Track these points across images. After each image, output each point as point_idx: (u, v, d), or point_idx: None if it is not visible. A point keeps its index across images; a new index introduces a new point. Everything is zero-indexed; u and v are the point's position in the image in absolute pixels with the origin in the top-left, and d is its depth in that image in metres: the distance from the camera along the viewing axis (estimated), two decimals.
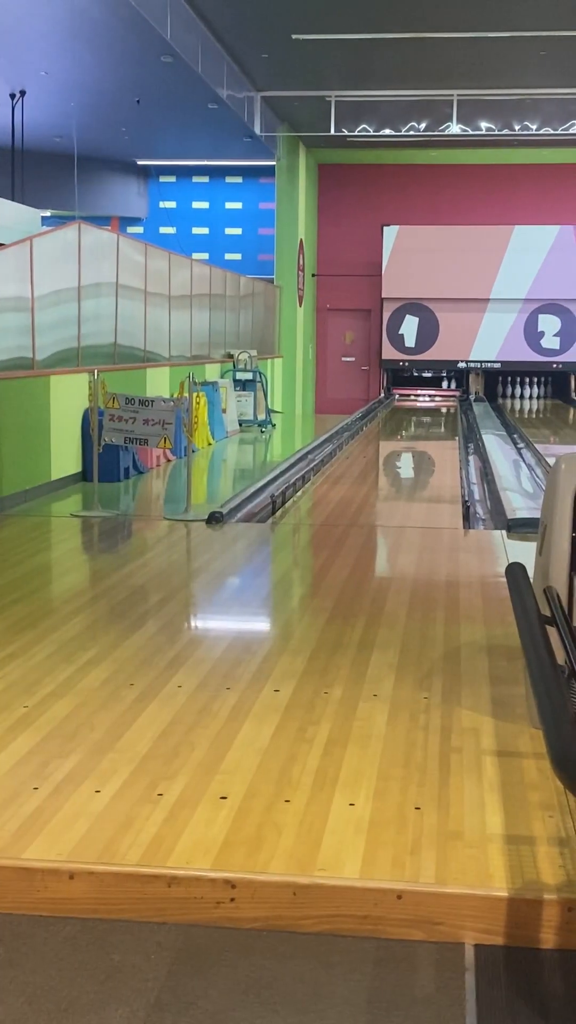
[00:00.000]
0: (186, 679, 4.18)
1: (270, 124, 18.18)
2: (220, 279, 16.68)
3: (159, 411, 8.22)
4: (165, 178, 22.53)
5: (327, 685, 4.14)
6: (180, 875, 2.71)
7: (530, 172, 21.80)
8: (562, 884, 2.67)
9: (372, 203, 22.22)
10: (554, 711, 2.24)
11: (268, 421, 16.23)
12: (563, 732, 2.18)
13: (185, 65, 13.41)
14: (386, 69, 15.37)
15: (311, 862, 2.75)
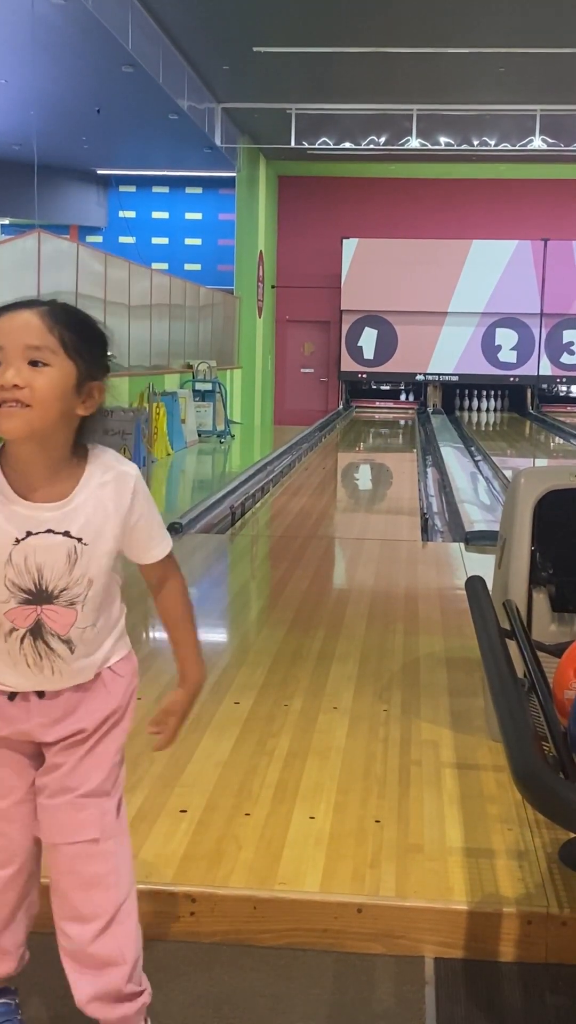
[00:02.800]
0: (145, 691, 4.15)
1: (230, 135, 18.22)
2: (180, 289, 16.67)
3: (118, 421, 8.20)
4: (125, 188, 22.50)
5: (287, 697, 4.14)
6: (140, 889, 2.67)
7: (488, 187, 22.00)
8: (521, 897, 2.68)
9: (332, 215, 22.32)
10: (514, 724, 2.25)
11: (227, 432, 16.23)
12: (523, 745, 2.19)
13: (146, 75, 13.41)
14: (347, 83, 15.46)
15: (271, 876, 2.75)
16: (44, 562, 1.99)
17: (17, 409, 1.88)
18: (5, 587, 2.00)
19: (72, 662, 2.08)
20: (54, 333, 1.91)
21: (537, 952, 2.61)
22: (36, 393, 1.89)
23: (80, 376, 1.95)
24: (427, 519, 8.74)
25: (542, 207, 22.01)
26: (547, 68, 14.52)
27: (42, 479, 1.97)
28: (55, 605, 2.02)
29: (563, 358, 22.22)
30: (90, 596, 2.07)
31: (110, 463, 2.06)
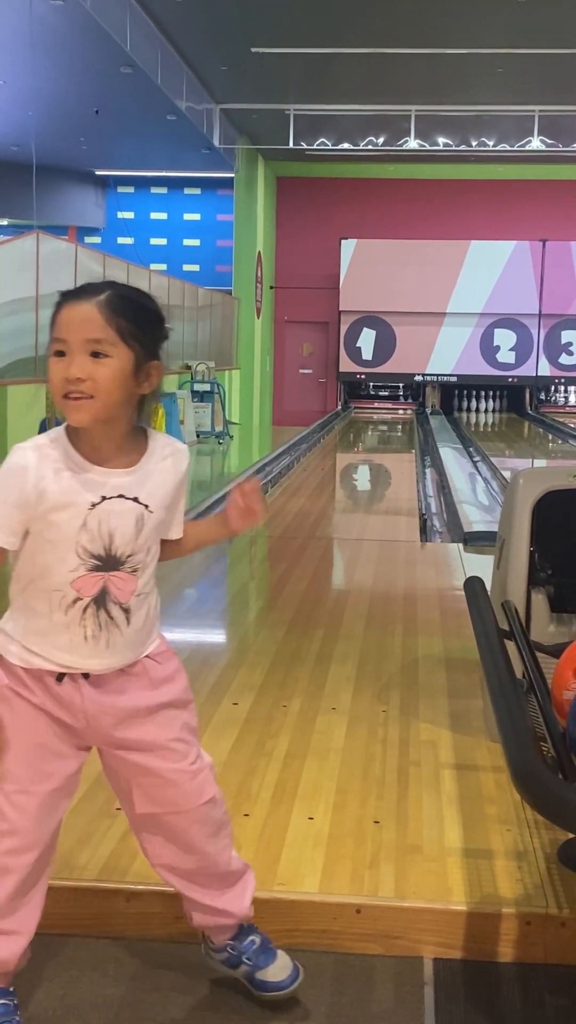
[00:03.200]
0: None
1: (229, 136, 18.22)
2: (178, 290, 16.68)
3: None
4: (123, 188, 22.51)
5: (285, 698, 4.14)
6: (139, 890, 2.69)
7: (487, 188, 22.01)
8: (520, 898, 2.68)
9: (330, 216, 22.33)
10: (513, 725, 2.25)
11: (225, 433, 16.24)
12: (522, 746, 2.19)
13: (144, 76, 13.41)
14: (345, 83, 15.47)
15: (270, 876, 2.75)
16: (116, 527, 2.09)
17: (83, 401, 2.01)
18: (76, 555, 2.08)
19: (127, 633, 2.17)
20: (112, 325, 2.02)
21: (536, 953, 2.61)
22: (99, 384, 2.01)
23: (138, 360, 2.07)
24: (426, 520, 8.74)
25: (541, 208, 22.02)
26: (546, 69, 14.53)
27: (112, 451, 2.10)
28: (121, 572, 2.12)
29: (562, 359, 22.23)
30: (148, 563, 2.18)
31: (168, 439, 2.22)
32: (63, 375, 2.00)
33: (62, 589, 2.10)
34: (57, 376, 2.02)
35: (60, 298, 2.07)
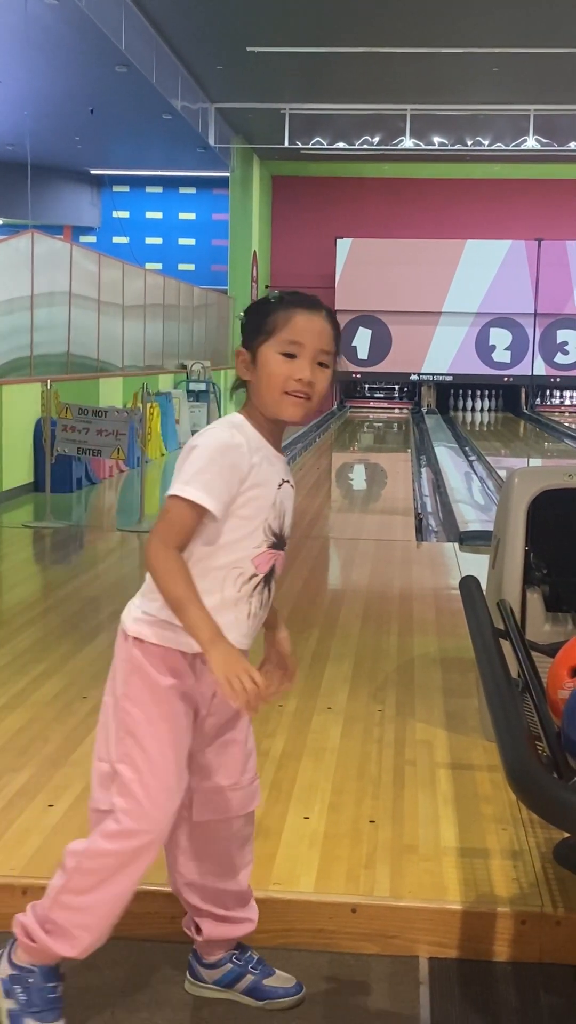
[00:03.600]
0: None
1: (224, 135, 18.21)
2: (174, 289, 16.67)
3: (112, 421, 8.19)
4: (118, 188, 22.49)
5: (281, 698, 4.13)
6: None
7: (482, 187, 22.02)
8: (515, 897, 2.68)
9: (326, 215, 22.33)
10: (509, 724, 2.26)
11: None
12: (518, 745, 2.19)
13: (139, 75, 13.41)
14: (340, 82, 15.47)
15: (265, 876, 2.75)
16: (287, 508, 2.27)
17: (302, 400, 2.19)
18: (263, 531, 2.20)
19: (266, 612, 2.30)
20: (336, 341, 2.26)
21: (531, 952, 2.61)
22: (316, 389, 2.21)
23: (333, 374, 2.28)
24: (421, 519, 8.75)
25: (536, 207, 22.03)
26: (541, 68, 14.54)
27: (277, 442, 2.28)
28: (283, 551, 2.27)
29: (557, 358, 22.25)
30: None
31: None
32: (293, 375, 2.16)
33: (241, 566, 2.18)
34: (283, 374, 2.17)
35: (287, 303, 2.20)
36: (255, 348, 2.19)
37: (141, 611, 2.21)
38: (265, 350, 2.18)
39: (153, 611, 2.18)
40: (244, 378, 2.23)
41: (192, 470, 2.11)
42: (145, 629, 2.19)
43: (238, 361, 2.23)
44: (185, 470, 2.12)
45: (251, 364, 2.20)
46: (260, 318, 2.19)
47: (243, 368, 2.22)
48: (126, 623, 2.22)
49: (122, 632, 2.23)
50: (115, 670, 2.23)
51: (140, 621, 2.20)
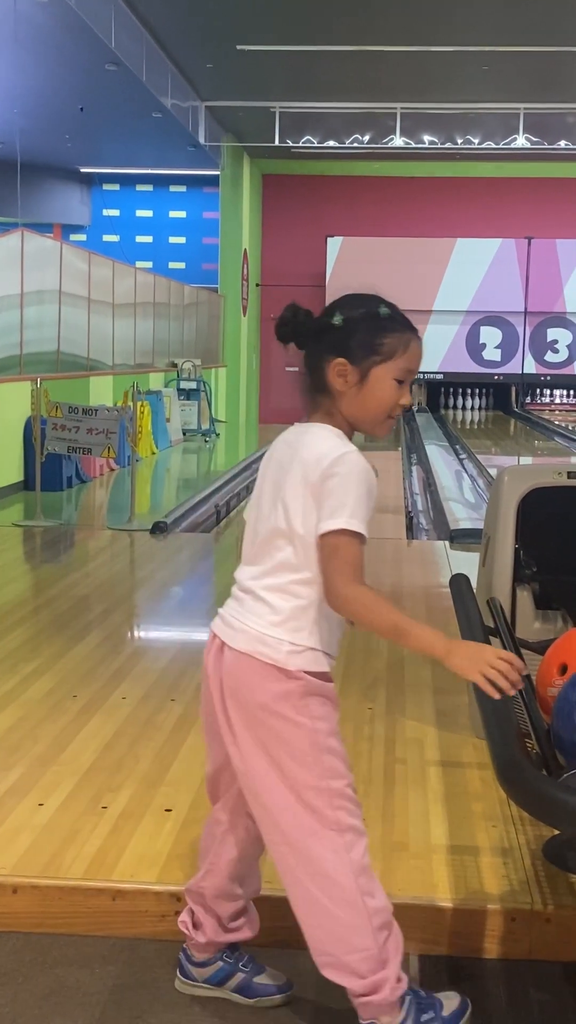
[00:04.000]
0: (130, 690, 4.16)
1: (214, 134, 18.19)
2: (164, 288, 16.66)
3: (103, 420, 8.18)
4: (108, 186, 22.45)
5: None
6: (125, 888, 2.69)
7: (472, 186, 22.02)
8: (505, 894, 2.69)
9: (316, 214, 22.32)
10: (498, 722, 2.26)
11: (212, 430, 16.23)
12: (507, 743, 2.20)
13: (129, 73, 13.38)
14: (330, 81, 15.46)
15: None
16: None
17: (394, 421, 2.26)
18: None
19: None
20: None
21: (521, 949, 2.62)
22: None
23: None
24: (412, 517, 8.76)
25: (526, 205, 22.04)
26: (531, 66, 14.55)
27: None
28: None
29: (547, 356, 22.27)
30: None
31: None
32: (402, 401, 2.20)
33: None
34: (394, 399, 2.19)
35: (402, 325, 2.23)
36: (366, 368, 2.17)
37: (291, 643, 2.16)
38: (380, 372, 2.17)
39: (303, 641, 2.17)
40: (338, 389, 2.19)
41: (353, 501, 2.08)
42: (300, 660, 2.16)
43: (335, 371, 2.18)
44: (344, 502, 2.08)
45: (356, 380, 2.17)
46: (374, 337, 2.18)
47: (341, 381, 2.18)
48: (276, 658, 2.15)
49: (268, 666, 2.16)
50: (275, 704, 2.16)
51: (295, 654, 2.16)
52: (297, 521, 2.14)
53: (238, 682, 2.19)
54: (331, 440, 2.16)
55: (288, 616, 2.16)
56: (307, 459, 2.14)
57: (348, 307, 2.22)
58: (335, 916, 2.17)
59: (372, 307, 2.22)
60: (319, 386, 2.22)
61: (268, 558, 2.20)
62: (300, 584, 2.16)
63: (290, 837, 2.18)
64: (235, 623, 2.23)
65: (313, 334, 2.23)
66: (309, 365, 2.26)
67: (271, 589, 2.18)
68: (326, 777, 2.17)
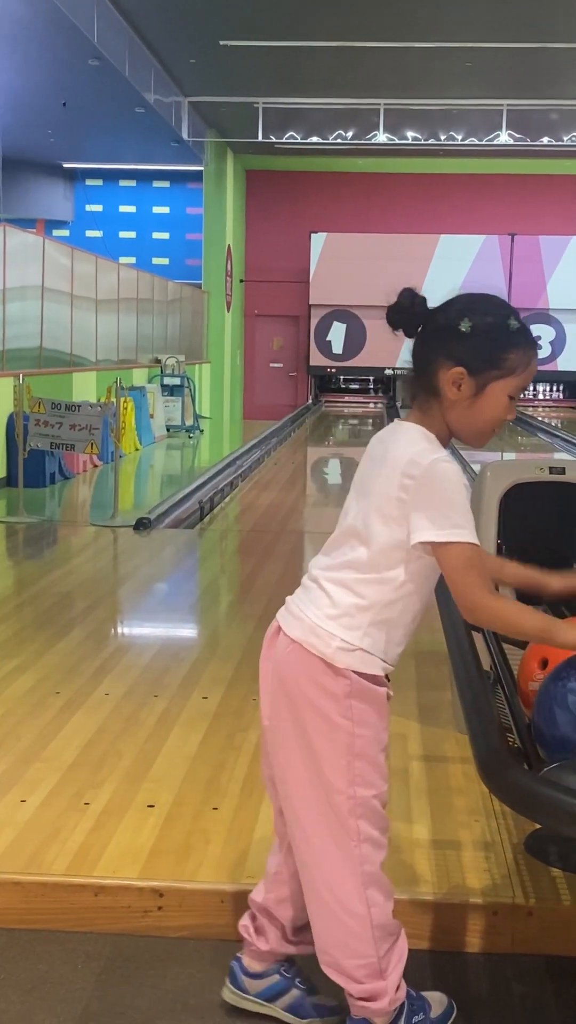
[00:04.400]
0: (113, 687, 4.16)
1: (198, 129, 18.17)
2: (147, 283, 16.62)
3: (86, 416, 8.17)
4: (92, 181, 22.40)
5: (255, 692, 4.11)
6: (107, 884, 2.69)
7: (456, 182, 22.06)
8: (487, 888, 2.70)
9: (300, 210, 22.32)
10: (480, 717, 2.27)
11: (196, 426, 16.21)
12: (489, 737, 2.21)
13: (112, 69, 13.35)
14: (314, 77, 15.46)
15: (239, 869, 2.76)
16: None
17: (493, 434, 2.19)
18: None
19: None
20: None
21: (503, 942, 2.63)
22: None
23: None
24: None
25: (509, 202, 22.10)
26: (514, 63, 14.58)
27: None
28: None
29: None
30: None
31: None
32: (508, 416, 2.14)
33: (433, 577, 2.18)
34: (503, 415, 2.12)
35: (527, 340, 2.14)
36: (484, 381, 2.09)
37: (342, 640, 2.13)
38: (497, 388, 2.09)
39: (354, 640, 2.14)
40: (450, 398, 2.10)
41: (460, 510, 2.05)
42: (348, 658, 2.13)
43: (450, 379, 2.09)
44: (449, 513, 2.04)
45: (471, 393, 2.09)
46: (499, 350, 2.09)
47: (454, 390, 2.10)
48: (324, 652, 2.13)
49: (317, 659, 2.14)
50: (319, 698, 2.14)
51: (344, 651, 2.13)
52: (376, 522, 2.10)
53: (286, 670, 2.18)
54: (421, 443, 2.09)
55: (345, 612, 2.13)
56: (396, 460, 2.09)
57: (478, 313, 2.13)
58: (340, 921, 2.16)
59: (502, 318, 2.12)
60: (426, 385, 2.13)
61: (339, 553, 2.18)
62: (365, 584, 2.13)
63: (309, 834, 2.17)
64: (295, 610, 2.21)
65: (433, 331, 2.15)
66: (419, 358, 2.17)
67: (335, 582, 2.16)
68: (354, 784, 2.14)
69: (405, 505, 2.05)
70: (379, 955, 2.16)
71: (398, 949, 2.21)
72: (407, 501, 2.05)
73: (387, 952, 2.17)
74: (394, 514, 2.07)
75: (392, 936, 2.19)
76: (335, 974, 2.20)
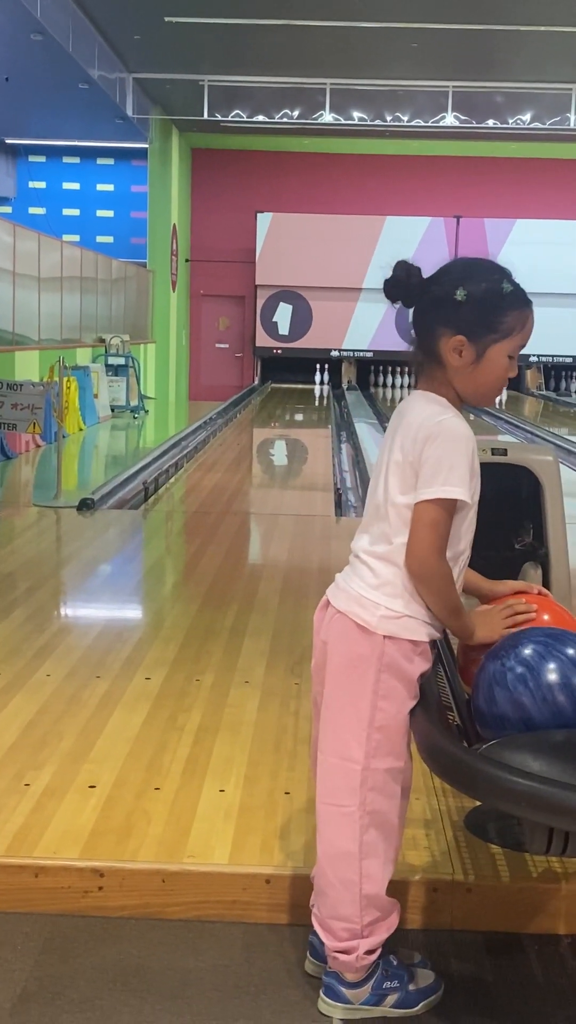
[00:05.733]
0: (55, 668, 4.13)
1: (142, 106, 18.00)
2: (91, 262, 16.47)
3: (28, 395, 8.08)
4: (35, 158, 22.11)
5: (199, 672, 4.14)
6: (47, 865, 2.68)
7: (401, 163, 22.07)
8: (427, 865, 2.72)
9: (246, 189, 22.20)
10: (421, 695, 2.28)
11: (141, 407, 16.11)
12: (429, 716, 2.22)
13: (55, 44, 13.17)
14: (260, 55, 15.37)
15: (180, 849, 2.75)
16: None
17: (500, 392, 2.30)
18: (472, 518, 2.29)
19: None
20: None
21: (443, 919, 2.65)
22: None
23: None
24: (341, 494, 8.78)
25: (455, 184, 22.15)
26: (460, 44, 14.59)
27: None
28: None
29: None
30: None
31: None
32: (510, 374, 2.22)
33: (466, 551, 2.27)
34: (505, 374, 2.22)
35: (522, 300, 2.21)
36: (484, 346, 2.18)
37: (387, 608, 2.21)
38: (497, 350, 2.19)
39: (399, 607, 2.21)
40: (453, 365, 2.20)
41: (445, 469, 2.13)
42: (393, 626, 2.20)
43: (451, 347, 2.19)
44: (435, 469, 2.13)
45: (472, 359, 2.19)
46: (495, 314, 2.18)
47: (456, 357, 2.20)
48: (367, 620, 2.21)
49: (358, 628, 2.22)
50: (352, 667, 2.22)
51: (388, 619, 2.21)
52: (395, 490, 2.20)
53: (333, 639, 2.28)
54: (431, 407, 2.20)
55: (386, 581, 2.22)
56: (408, 427, 2.20)
57: (472, 280, 2.20)
58: (332, 883, 2.26)
59: (496, 283, 2.19)
60: (430, 354, 2.23)
61: (374, 527, 2.27)
62: (400, 552, 2.21)
63: (327, 796, 2.27)
64: (342, 584, 2.32)
65: (431, 301, 2.23)
66: (419, 328, 2.26)
67: (374, 556, 2.25)
68: (371, 755, 2.22)
69: (416, 466, 2.16)
70: (363, 923, 2.25)
71: (386, 924, 2.29)
72: (417, 462, 2.16)
73: (372, 922, 2.26)
74: (410, 481, 2.17)
75: (381, 913, 2.27)
76: (318, 926, 2.30)
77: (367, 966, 2.27)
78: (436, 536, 2.16)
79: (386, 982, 2.30)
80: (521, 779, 1.96)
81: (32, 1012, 2.30)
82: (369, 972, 2.28)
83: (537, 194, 22.15)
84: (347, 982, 2.28)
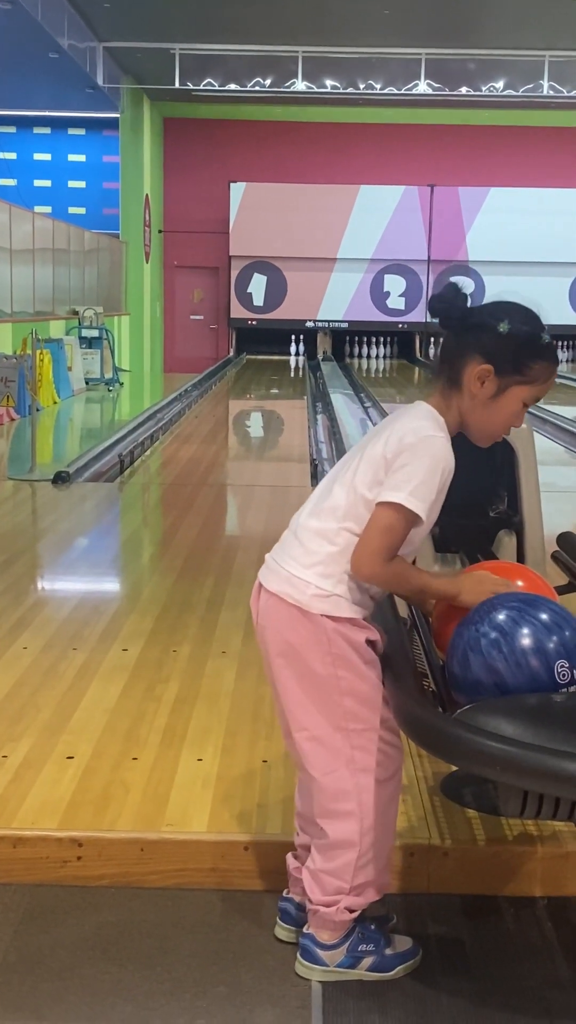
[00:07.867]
0: (32, 640, 4.13)
1: (113, 76, 17.82)
2: (64, 233, 16.35)
3: (1, 368, 8.03)
4: (4, 128, 21.90)
5: (176, 644, 4.14)
6: (26, 835, 2.68)
7: (375, 132, 21.95)
8: (403, 830, 2.74)
9: (219, 159, 22.04)
10: (395, 661, 2.30)
11: (115, 379, 16.05)
12: (404, 682, 2.24)
13: (24, 12, 13.02)
14: (231, 23, 15.24)
15: (158, 818, 2.77)
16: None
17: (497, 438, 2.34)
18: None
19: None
20: None
21: (419, 883, 2.68)
22: None
23: None
24: (317, 465, 8.79)
25: (428, 153, 22.05)
26: (433, 12, 14.51)
27: None
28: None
29: None
30: None
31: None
32: (516, 424, 2.27)
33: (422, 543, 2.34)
34: (513, 421, 2.26)
35: (554, 356, 2.25)
36: (507, 383, 2.22)
37: (317, 587, 2.23)
38: (516, 392, 2.23)
39: (328, 587, 2.23)
40: (471, 392, 2.23)
41: (416, 480, 2.16)
42: (324, 604, 2.23)
43: (476, 374, 2.22)
44: (406, 477, 2.16)
45: (492, 392, 2.22)
46: (528, 357, 2.22)
47: (477, 386, 2.23)
48: (299, 600, 2.24)
49: (293, 608, 2.25)
50: (298, 647, 2.26)
51: (318, 598, 2.23)
52: (363, 479, 2.23)
53: (268, 622, 2.31)
54: (428, 422, 2.23)
55: (319, 560, 2.24)
56: (398, 428, 2.22)
57: (517, 319, 2.22)
58: (331, 848, 2.29)
59: (538, 329, 2.24)
60: (451, 376, 2.25)
61: (325, 503, 2.29)
62: (340, 532, 2.23)
63: (310, 771, 2.29)
64: (272, 564, 2.33)
65: (470, 326, 2.24)
66: (448, 349, 2.28)
67: (314, 531, 2.27)
68: (347, 719, 2.25)
69: (390, 466, 2.19)
70: (353, 883, 2.29)
71: (374, 888, 2.34)
72: (391, 462, 2.19)
73: (362, 884, 2.30)
74: (380, 475, 2.20)
75: (372, 877, 2.31)
76: (310, 879, 2.33)
77: (344, 923, 2.30)
78: (388, 542, 2.18)
79: (361, 944, 2.32)
80: (495, 743, 1.98)
81: (12, 982, 2.31)
82: (345, 934, 2.31)
83: (511, 162, 22.09)
84: (322, 943, 2.31)
